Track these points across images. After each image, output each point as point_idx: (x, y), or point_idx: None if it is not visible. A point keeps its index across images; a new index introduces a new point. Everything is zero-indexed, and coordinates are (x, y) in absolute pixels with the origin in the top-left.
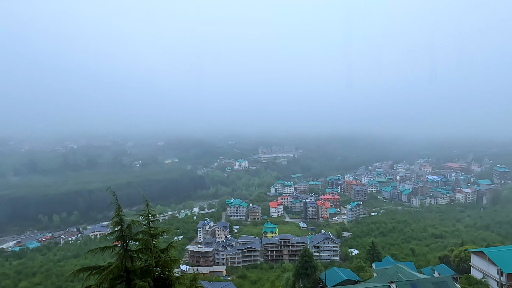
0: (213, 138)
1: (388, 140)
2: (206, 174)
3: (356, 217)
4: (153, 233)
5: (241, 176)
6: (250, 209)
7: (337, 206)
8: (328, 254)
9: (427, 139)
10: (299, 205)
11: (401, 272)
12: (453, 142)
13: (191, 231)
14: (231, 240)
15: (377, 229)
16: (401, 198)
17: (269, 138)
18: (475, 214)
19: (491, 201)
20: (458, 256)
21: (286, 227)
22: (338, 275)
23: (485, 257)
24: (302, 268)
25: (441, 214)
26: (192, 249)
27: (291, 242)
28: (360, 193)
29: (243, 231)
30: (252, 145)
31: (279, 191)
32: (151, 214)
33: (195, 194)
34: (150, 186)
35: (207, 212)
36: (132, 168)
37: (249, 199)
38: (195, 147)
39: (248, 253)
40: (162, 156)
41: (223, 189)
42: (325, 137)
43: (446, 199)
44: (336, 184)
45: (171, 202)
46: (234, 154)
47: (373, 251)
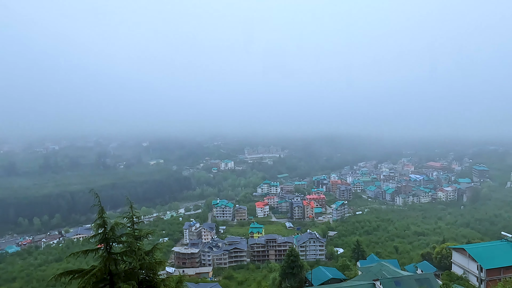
0: (199, 138)
1: (372, 140)
2: (192, 175)
3: (342, 216)
4: (137, 235)
5: (227, 176)
6: (236, 209)
7: (322, 205)
8: (314, 253)
9: (410, 139)
10: (285, 205)
11: (385, 270)
12: (434, 142)
13: (177, 233)
14: (217, 241)
15: (362, 227)
16: (385, 197)
17: (255, 138)
18: (456, 212)
19: (471, 199)
20: (440, 253)
21: (272, 227)
22: (323, 274)
23: (465, 254)
24: (288, 267)
25: (423, 212)
26: (178, 251)
27: (278, 242)
28: (345, 193)
29: (229, 231)
30: (238, 145)
31: (265, 191)
32: (135, 216)
33: (181, 195)
34: (135, 188)
35: (193, 213)
36: (116, 169)
37: (236, 199)
38: (180, 148)
39: (235, 254)
40: (147, 157)
41: (209, 189)
42: (311, 137)
43: (428, 198)
44: (321, 183)
45: (156, 203)
46: (220, 154)
47: (358, 250)
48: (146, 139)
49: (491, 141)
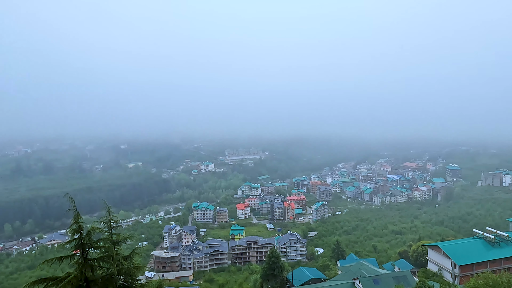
0: (178, 140)
1: (351, 141)
2: (172, 178)
3: (322, 216)
4: (115, 240)
5: (207, 178)
6: (217, 212)
7: (303, 206)
8: (295, 254)
9: (387, 140)
10: (266, 206)
11: (364, 269)
12: (410, 143)
13: (157, 236)
14: (198, 244)
15: (341, 227)
16: (364, 197)
17: (235, 140)
18: (431, 211)
19: (444, 198)
20: (416, 251)
21: (253, 229)
22: (304, 275)
23: (440, 251)
24: (269, 269)
25: (400, 211)
26: (158, 255)
27: (259, 244)
28: (325, 193)
29: (210, 234)
30: (219, 147)
31: (246, 193)
32: (113, 220)
33: (160, 198)
34: (112, 191)
35: (173, 216)
36: (93, 172)
37: (216, 201)
38: (160, 150)
39: (216, 257)
40: (125, 159)
41: (189, 192)
42: (291, 139)
43: (405, 197)
44: (302, 185)
45: (135, 207)
46: (200, 156)
47: (338, 249)
48: (124, 141)
49: (463, 142)
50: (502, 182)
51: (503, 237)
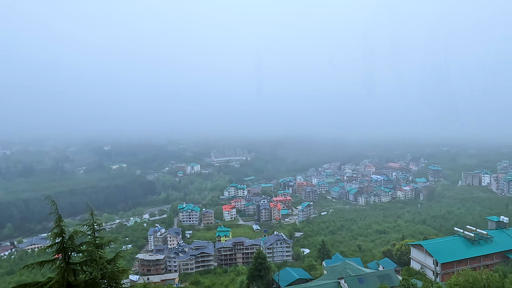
0: (164, 141)
1: (336, 142)
2: (157, 179)
3: (307, 217)
4: (98, 243)
5: (193, 180)
6: (203, 213)
7: (289, 207)
8: (281, 255)
9: (371, 141)
10: (252, 207)
11: (349, 268)
12: (393, 143)
13: (141, 239)
14: (183, 246)
15: (327, 228)
16: (348, 197)
17: (221, 141)
18: (414, 210)
19: (426, 198)
20: (400, 250)
21: (239, 230)
22: (290, 275)
23: (422, 249)
24: (255, 270)
25: (384, 211)
26: (142, 258)
27: (245, 245)
28: (311, 194)
29: (196, 236)
30: (205, 148)
31: (232, 194)
32: (96, 223)
33: (145, 200)
34: (96, 194)
35: (158, 219)
36: (75, 174)
37: (202, 203)
38: (144, 151)
39: (202, 259)
40: (109, 161)
41: (174, 194)
42: (277, 140)
43: (388, 197)
44: (288, 185)
45: (119, 209)
46: (186, 158)
47: (323, 249)
48: (108, 143)
49: (444, 143)
50: (481, 181)
51: (482, 235)
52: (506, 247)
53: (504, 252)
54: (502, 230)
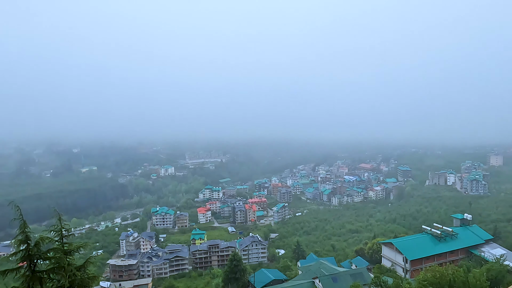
0: (136, 143)
1: (310, 144)
2: (129, 182)
3: (282, 218)
4: (67, 249)
5: (167, 182)
6: (177, 216)
7: (264, 208)
8: (257, 256)
9: (344, 142)
10: (228, 209)
11: (324, 268)
12: (365, 145)
13: (113, 244)
14: (157, 250)
15: (302, 228)
16: (322, 198)
17: (196, 143)
18: (384, 209)
19: (396, 197)
20: (371, 248)
21: (215, 233)
22: (266, 276)
23: (393, 247)
24: (231, 272)
25: (356, 211)
26: (114, 263)
27: (220, 247)
28: (286, 195)
29: (170, 239)
30: (179, 150)
31: (207, 196)
32: (64, 228)
33: (117, 204)
34: (64, 198)
35: (130, 223)
36: (42, 178)
37: (176, 206)
38: (116, 154)
39: (176, 262)
40: (78, 164)
41: (148, 197)
42: (252, 141)
43: (361, 197)
44: (263, 187)
45: (89, 214)
46: (159, 160)
47: (298, 250)
48: (77, 145)
49: (412, 144)
50: (447, 181)
51: (448, 232)
52: (469, 243)
53: (468, 248)
54: (466, 227)
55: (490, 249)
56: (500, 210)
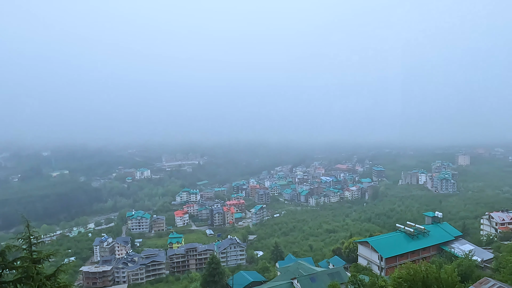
0: (110, 146)
1: (287, 145)
2: (103, 186)
3: (261, 219)
4: (36, 258)
5: (143, 186)
6: (153, 220)
7: (242, 210)
8: (235, 259)
9: (321, 143)
10: (206, 212)
11: (302, 268)
12: (341, 146)
13: (86, 250)
14: (133, 255)
15: (280, 229)
16: (300, 198)
17: (173, 145)
18: (360, 209)
19: (371, 197)
20: (348, 248)
21: (192, 236)
22: (244, 278)
23: (368, 246)
24: (209, 275)
25: (333, 211)
26: (87, 270)
27: (198, 251)
28: (264, 197)
29: (146, 244)
30: (155, 153)
31: (185, 199)
32: (32, 235)
33: (90, 209)
34: (33, 203)
35: (104, 228)
36: (9, 183)
37: (153, 209)
38: (89, 157)
39: (152, 267)
40: (48, 168)
41: (123, 201)
42: (229, 144)
43: (337, 197)
44: (241, 189)
45: (60, 219)
46: (135, 163)
47: (277, 251)
48: (47, 148)
49: (386, 145)
50: (419, 180)
51: (421, 229)
52: (440, 240)
53: (439, 245)
54: (437, 225)
55: (460, 245)
56: (468, 207)
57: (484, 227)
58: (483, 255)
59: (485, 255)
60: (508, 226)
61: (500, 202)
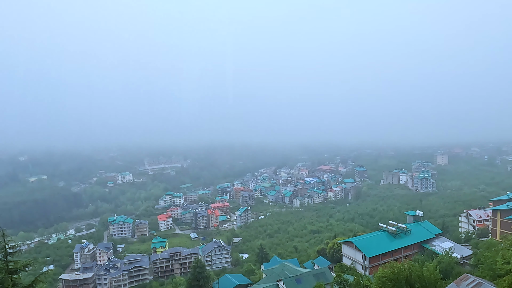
0: (91, 150)
1: (270, 147)
2: (83, 191)
3: (245, 222)
4: (12, 268)
5: (125, 190)
6: (136, 225)
7: (227, 213)
8: (220, 262)
9: (304, 145)
10: (190, 215)
11: (287, 270)
12: (324, 147)
13: (66, 257)
14: (115, 261)
15: (265, 231)
16: (284, 200)
17: (155, 148)
18: (343, 209)
19: (354, 197)
20: (332, 248)
21: (176, 240)
22: (230, 282)
23: (352, 246)
24: (194, 280)
25: (317, 211)
26: (67, 278)
27: (182, 255)
28: (248, 199)
29: (129, 249)
30: (137, 156)
31: (168, 203)
32: (8, 245)
33: (70, 215)
34: (9, 210)
35: (85, 234)
36: None
37: (135, 214)
38: (68, 161)
39: (136, 273)
40: (25, 173)
41: (104, 206)
42: (213, 146)
43: (321, 198)
44: (225, 191)
45: (38, 226)
46: (116, 166)
47: (262, 253)
48: (24, 152)
49: (367, 146)
50: (400, 180)
51: (402, 228)
52: (422, 238)
53: (421, 243)
54: (418, 223)
55: (440, 243)
56: (447, 205)
57: (463, 224)
58: (462, 251)
59: (464, 251)
60: (485, 223)
61: (477, 199)
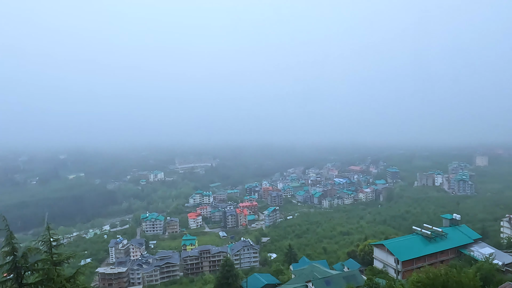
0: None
1: (299, 147)
2: (118, 188)
3: (274, 221)
4: (56, 260)
5: (156, 188)
6: (167, 222)
7: (255, 212)
8: (249, 261)
9: (333, 145)
10: (219, 214)
11: (316, 271)
12: (354, 147)
13: (102, 252)
14: (147, 257)
15: (293, 231)
16: (313, 200)
17: (185, 147)
18: (375, 211)
19: (386, 198)
20: (363, 250)
21: (206, 238)
22: (258, 281)
23: (384, 249)
24: (223, 278)
25: (347, 213)
26: (103, 271)
27: (211, 253)
28: (277, 199)
29: (160, 246)
30: (168, 155)
31: (198, 201)
32: (52, 238)
33: (106, 211)
34: (51, 206)
35: (119, 229)
36: (27, 185)
37: (166, 212)
38: (104, 160)
39: (167, 269)
40: (65, 170)
41: (137, 203)
42: (242, 146)
43: (351, 199)
44: (253, 191)
45: (76, 221)
46: (148, 165)
47: (290, 253)
48: (64, 151)
49: (400, 146)
50: (434, 182)
51: (438, 232)
52: (459, 243)
53: (458, 248)
54: (455, 227)
55: (479, 248)
56: (487, 209)
57: (504, 229)
58: (504, 258)
59: (506, 258)
60: None
61: None
